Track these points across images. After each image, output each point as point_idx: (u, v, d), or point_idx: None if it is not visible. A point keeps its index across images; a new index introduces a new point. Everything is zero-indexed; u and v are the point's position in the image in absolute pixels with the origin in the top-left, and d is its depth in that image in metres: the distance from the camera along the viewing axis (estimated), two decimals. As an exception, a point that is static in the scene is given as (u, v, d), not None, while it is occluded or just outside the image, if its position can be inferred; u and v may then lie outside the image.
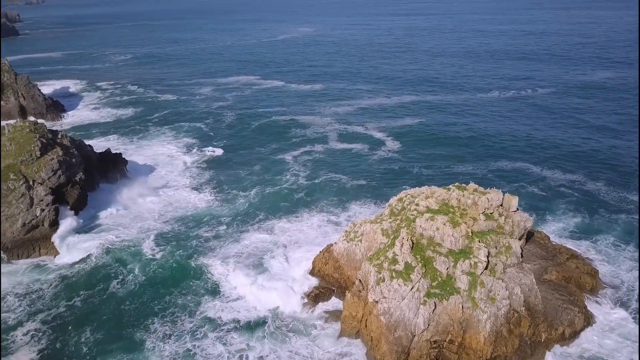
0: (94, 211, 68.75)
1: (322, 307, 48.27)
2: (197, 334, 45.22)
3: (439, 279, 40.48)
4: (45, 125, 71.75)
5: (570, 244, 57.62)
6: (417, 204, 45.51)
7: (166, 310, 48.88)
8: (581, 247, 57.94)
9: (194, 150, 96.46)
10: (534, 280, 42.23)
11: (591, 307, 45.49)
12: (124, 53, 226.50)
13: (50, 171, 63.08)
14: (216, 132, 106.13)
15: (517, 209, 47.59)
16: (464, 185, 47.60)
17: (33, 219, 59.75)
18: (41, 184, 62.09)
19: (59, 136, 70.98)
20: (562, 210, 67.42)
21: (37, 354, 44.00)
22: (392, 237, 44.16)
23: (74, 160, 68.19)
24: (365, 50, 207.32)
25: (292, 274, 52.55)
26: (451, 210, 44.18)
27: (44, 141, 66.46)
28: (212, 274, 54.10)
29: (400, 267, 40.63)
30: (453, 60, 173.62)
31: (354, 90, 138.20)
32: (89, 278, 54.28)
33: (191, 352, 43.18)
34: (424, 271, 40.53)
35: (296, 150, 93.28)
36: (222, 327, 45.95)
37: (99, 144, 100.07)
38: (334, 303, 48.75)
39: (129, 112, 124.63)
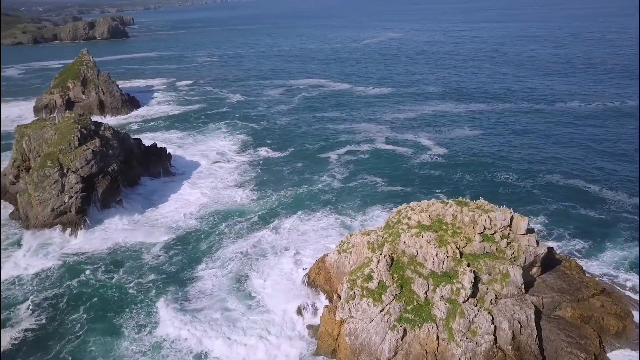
0: (126, 204, 70.84)
1: (307, 320, 45.40)
2: (170, 329, 44.58)
3: (415, 303, 36.10)
4: (89, 117, 75.65)
5: (629, 279, 49.89)
6: (409, 218, 41.25)
7: (149, 302, 49.04)
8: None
9: (246, 147, 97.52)
10: (532, 316, 36.33)
11: (611, 355, 38.42)
12: (211, 55, 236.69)
13: (83, 161, 66.06)
14: (271, 131, 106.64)
15: (534, 232, 41.59)
16: (466, 200, 42.47)
17: (61, 205, 62.86)
18: (74, 172, 65.17)
19: (102, 128, 74.35)
20: (624, 237, 58.59)
21: (36, 327, 46.03)
22: (377, 251, 40.33)
23: (110, 151, 71.02)
24: (447, 56, 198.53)
25: (285, 286, 50.28)
26: (444, 227, 39.43)
27: (84, 132, 69.86)
28: (205, 276, 53.46)
29: (373, 285, 36.83)
30: (539, 70, 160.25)
31: (423, 96, 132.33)
32: (91, 266, 55.76)
33: (160, 345, 42.75)
34: (398, 292, 36.37)
35: (342, 150, 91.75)
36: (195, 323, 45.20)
37: (159, 137, 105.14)
38: (322, 317, 45.83)
39: (195, 109, 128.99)
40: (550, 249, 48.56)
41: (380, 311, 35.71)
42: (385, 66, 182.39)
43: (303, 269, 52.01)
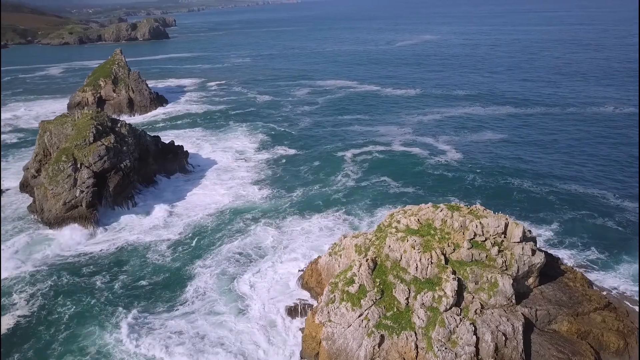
0: (139, 202, 71.66)
1: (296, 322, 44.68)
2: (150, 327, 44.51)
3: (395, 310, 34.83)
4: (106, 114, 77.54)
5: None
6: (398, 221, 39.94)
7: (138, 300, 49.17)
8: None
9: (265, 146, 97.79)
10: (520, 328, 34.43)
11: (609, 374, 36.06)
12: (244, 56, 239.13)
13: (97, 156, 67.50)
14: (292, 131, 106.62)
15: (531, 240, 39.55)
16: (459, 204, 40.75)
17: (73, 199, 64.36)
18: (87, 168, 66.68)
19: (118, 125, 75.83)
20: (645, 250, 55.24)
21: (28, 313, 47.17)
22: (362, 254, 39.25)
23: (125, 148, 72.30)
24: (482, 59, 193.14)
25: (279, 287, 49.88)
26: (432, 232, 37.93)
27: (100, 128, 71.40)
28: (202, 275, 53.45)
29: (353, 289, 35.78)
30: (577, 74, 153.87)
31: (451, 99, 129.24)
32: (94, 264, 56.30)
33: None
34: (378, 298, 35.19)
35: (358, 151, 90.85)
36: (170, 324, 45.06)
37: (183, 134, 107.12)
38: (313, 319, 44.96)
39: (221, 109, 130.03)
40: (555, 259, 46.32)
41: (359, 316, 34.65)
42: (416, 68, 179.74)
43: (299, 270, 51.34)
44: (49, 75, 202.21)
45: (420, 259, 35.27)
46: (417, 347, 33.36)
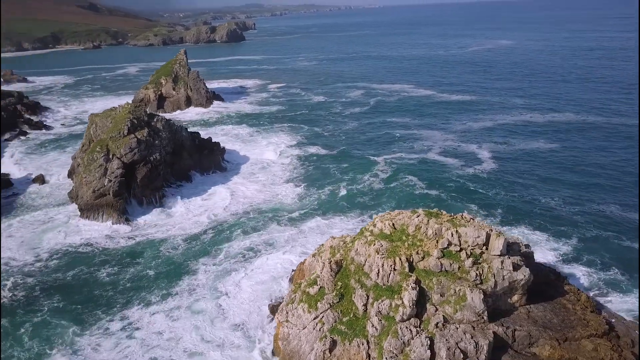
0: (169, 196, 73.84)
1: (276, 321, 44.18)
2: (135, 327, 45.20)
3: (352, 315, 33.37)
4: (143, 109, 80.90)
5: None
6: (374, 225, 38.33)
7: (131, 299, 49.56)
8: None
9: (303, 146, 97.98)
10: (485, 347, 31.72)
11: (590, 408, 32.31)
12: (311, 59, 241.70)
13: (128, 148, 70.79)
14: (335, 133, 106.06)
15: (526, 256, 36.49)
16: (440, 211, 38.29)
17: (101, 187, 67.92)
18: (118, 159, 70.12)
19: (155, 120, 79.10)
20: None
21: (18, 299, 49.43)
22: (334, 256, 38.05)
23: (157, 142, 75.24)
24: (554, 67, 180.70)
25: (271, 285, 49.67)
26: (404, 238, 35.96)
27: (135, 122, 74.85)
28: (201, 272, 53.99)
29: (313, 291, 34.75)
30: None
31: (508, 106, 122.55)
32: (107, 255, 58.02)
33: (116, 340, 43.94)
34: (336, 301, 33.89)
35: (396, 155, 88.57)
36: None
37: (231, 131, 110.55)
38: (295, 319, 44.20)
39: (274, 110, 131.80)
40: (561, 279, 42.51)
41: (314, 319, 33.57)
42: (480, 74, 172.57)
43: (293, 270, 50.79)
44: (126, 73, 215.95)
45: (383, 265, 33.57)
46: (369, 356, 31.77)
